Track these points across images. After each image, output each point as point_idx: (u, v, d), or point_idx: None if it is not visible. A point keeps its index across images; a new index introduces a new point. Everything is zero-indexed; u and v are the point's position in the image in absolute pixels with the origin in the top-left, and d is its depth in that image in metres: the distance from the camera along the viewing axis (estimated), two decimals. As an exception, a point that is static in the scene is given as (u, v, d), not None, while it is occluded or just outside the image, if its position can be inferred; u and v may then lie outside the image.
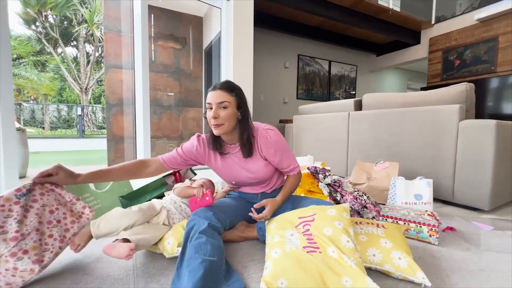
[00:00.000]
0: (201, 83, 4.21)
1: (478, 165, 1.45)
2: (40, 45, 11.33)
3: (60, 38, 10.89)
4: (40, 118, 11.32)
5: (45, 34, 10.76)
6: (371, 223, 1.02)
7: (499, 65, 4.00)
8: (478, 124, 1.45)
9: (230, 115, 0.94)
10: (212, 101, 0.94)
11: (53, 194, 0.86)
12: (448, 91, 1.66)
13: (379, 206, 1.31)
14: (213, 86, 0.96)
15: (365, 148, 2.12)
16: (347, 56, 5.78)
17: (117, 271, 0.84)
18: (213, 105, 0.94)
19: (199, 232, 0.83)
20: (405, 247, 0.87)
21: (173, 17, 3.95)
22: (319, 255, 0.78)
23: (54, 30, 10.77)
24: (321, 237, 0.83)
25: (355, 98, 2.31)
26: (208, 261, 0.74)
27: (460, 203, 1.56)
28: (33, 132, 9.40)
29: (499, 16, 3.98)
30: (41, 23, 10.42)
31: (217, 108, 0.94)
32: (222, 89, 0.95)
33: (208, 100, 0.96)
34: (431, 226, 1.05)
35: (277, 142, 1.01)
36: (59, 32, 10.91)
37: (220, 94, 0.94)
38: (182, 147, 1.07)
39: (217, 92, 0.94)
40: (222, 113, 0.93)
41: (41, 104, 12.44)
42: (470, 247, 1.02)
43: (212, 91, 0.95)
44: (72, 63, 11.58)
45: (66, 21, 11.64)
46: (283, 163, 1.06)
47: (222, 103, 0.93)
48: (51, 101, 14.32)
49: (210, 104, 0.95)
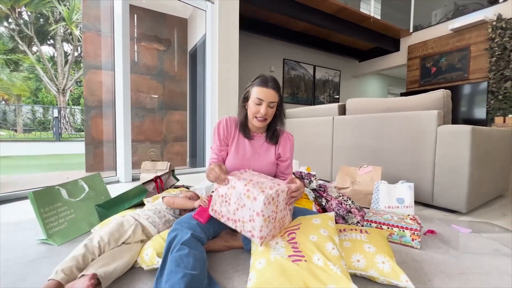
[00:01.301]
0: (185, 86, 4.13)
1: (455, 169, 1.51)
2: (13, 43, 10.68)
3: (36, 36, 10.34)
4: (12, 120, 10.63)
5: (18, 31, 10.18)
6: (354, 229, 1.02)
7: (471, 72, 4.25)
8: (455, 130, 1.52)
9: (273, 113, 1.06)
10: (264, 98, 1.00)
11: None
12: (427, 97, 1.72)
13: (363, 211, 1.32)
14: (265, 82, 1.00)
15: (349, 152, 2.15)
16: (331, 61, 5.92)
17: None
18: (264, 102, 1.00)
19: (181, 243, 0.79)
20: (388, 251, 0.88)
21: (157, 18, 3.87)
22: (304, 263, 0.76)
23: (29, 27, 10.21)
24: (306, 245, 0.81)
25: (339, 103, 2.35)
26: (189, 275, 0.70)
27: (439, 206, 1.62)
28: (4, 135, 8.80)
29: (470, 27, 4.24)
30: (14, 20, 9.85)
31: (267, 106, 1.00)
32: (274, 89, 1.01)
33: (259, 95, 1.00)
34: (413, 230, 1.07)
35: (292, 146, 1.18)
36: (34, 30, 10.36)
37: (273, 94, 1.01)
38: (216, 140, 1.11)
39: (270, 92, 1.00)
40: (270, 111, 1.03)
41: (14, 105, 11.71)
42: (449, 249, 1.05)
43: (265, 88, 1.00)
44: (48, 62, 11.02)
45: (42, 19, 11.07)
46: (287, 169, 1.16)
47: (272, 103, 1.01)
48: (25, 102, 13.52)
49: (261, 100, 1.00)
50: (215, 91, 3.00)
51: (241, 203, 0.84)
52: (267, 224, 0.81)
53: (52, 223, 1.09)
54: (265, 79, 1.01)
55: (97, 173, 1.44)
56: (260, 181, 0.87)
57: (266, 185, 0.84)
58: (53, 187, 1.17)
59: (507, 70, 3.78)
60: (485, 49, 4.05)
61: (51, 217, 1.09)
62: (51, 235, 1.06)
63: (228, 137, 1.12)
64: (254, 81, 1.04)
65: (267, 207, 0.79)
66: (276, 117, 1.10)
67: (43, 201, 1.09)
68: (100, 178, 1.43)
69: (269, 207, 0.80)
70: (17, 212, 1.48)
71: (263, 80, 1.01)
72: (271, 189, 0.81)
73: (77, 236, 1.12)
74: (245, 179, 0.87)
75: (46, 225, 1.06)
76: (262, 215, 0.78)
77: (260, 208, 0.78)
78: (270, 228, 0.82)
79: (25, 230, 1.20)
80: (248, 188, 0.82)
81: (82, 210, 1.22)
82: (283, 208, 0.87)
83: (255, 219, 0.80)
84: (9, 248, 1.02)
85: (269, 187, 0.82)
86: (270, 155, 1.13)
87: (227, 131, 1.11)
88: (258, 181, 0.87)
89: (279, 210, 0.85)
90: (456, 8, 4.64)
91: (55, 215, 1.11)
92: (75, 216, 1.19)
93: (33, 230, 1.19)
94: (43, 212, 1.07)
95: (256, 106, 1.02)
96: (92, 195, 1.32)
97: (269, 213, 0.80)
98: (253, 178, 0.90)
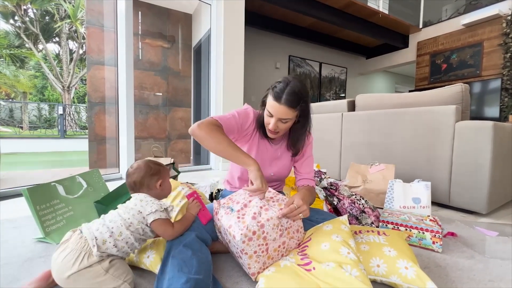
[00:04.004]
0: (190, 82, 4.07)
1: (475, 167, 1.42)
2: (19, 41, 10.76)
3: (41, 33, 10.40)
4: (19, 117, 10.74)
5: (24, 29, 10.24)
6: (371, 230, 0.94)
7: (484, 69, 4.11)
8: (475, 126, 1.42)
9: (288, 126, 0.93)
10: (274, 113, 0.87)
11: None
12: (443, 91, 1.62)
13: (377, 211, 1.24)
14: (278, 97, 0.85)
15: (359, 149, 2.07)
16: (338, 58, 5.81)
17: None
18: (274, 118, 0.88)
19: (183, 244, 0.72)
20: (411, 255, 0.80)
21: (161, 14, 3.81)
22: (314, 271, 0.69)
23: (35, 25, 10.27)
24: (317, 254, 0.74)
25: (348, 99, 2.26)
26: (193, 280, 0.63)
27: (456, 206, 1.53)
28: (10, 132, 8.88)
29: (483, 22, 4.09)
30: (20, 17, 9.91)
31: (278, 121, 0.89)
32: (288, 105, 0.85)
33: (270, 109, 0.88)
34: (434, 232, 0.99)
35: (310, 145, 1.08)
36: (40, 28, 10.41)
37: (285, 111, 0.86)
38: (239, 113, 0.98)
39: (282, 108, 0.86)
40: (281, 125, 0.91)
41: (20, 102, 11.81)
42: (474, 254, 0.97)
43: (277, 103, 0.85)
44: (54, 60, 11.08)
45: (47, 16, 11.12)
46: (304, 168, 1.05)
47: (284, 119, 0.89)
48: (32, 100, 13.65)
49: (271, 114, 0.89)
50: (220, 87, 2.93)
51: (227, 239, 0.79)
52: (256, 260, 0.72)
53: (50, 221, 1.03)
54: (281, 92, 0.85)
55: (95, 169, 1.38)
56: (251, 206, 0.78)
57: (250, 213, 0.75)
58: (49, 184, 1.11)
59: (522, 66, 3.63)
60: (499, 45, 3.90)
61: (48, 214, 1.04)
62: (48, 233, 1.00)
63: (249, 131, 1.00)
64: (273, 87, 0.89)
65: (248, 244, 0.70)
66: (298, 129, 0.96)
67: (39, 198, 1.03)
68: (98, 174, 1.37)
69: (251, 243, 0.71)
70: (13, 209, 1.44)
71: (278, 93, 0.85)
72: (253, 218, 0.72)
73: (76, 235, 1.06)
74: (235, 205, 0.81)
75: (43, 223, 1.00)
76: (245, 253, 0.70)
77: (241, 247, 0.70)
78: (262, 261, 0.74)
79: (20, 228, 1.14)
80: (230, 224, 0.74)
81: (81, 207, 1.17)
82: (278, 236, 0.75)
83: (241, 256, 0.72)
84: (3, 247, 0.97)
85: (252, 217, 0.73)
86: (288, 156, 1.06)
87: (251, 126, 1.00)
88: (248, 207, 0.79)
89: (272, 239, 0.74)
90: (468, 3, 4.48)
91: (52, 213, 1.06)
92: (73, 214, 1.13)
93: (28, 228, 1.14)
94: (39, 210, 1.01)
95: (268, 118, 0.91)
96: (90, 191, 1.27)
97: (254, 249, 0.71)
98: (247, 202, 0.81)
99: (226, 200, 0.87)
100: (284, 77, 0.90)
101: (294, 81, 0.88)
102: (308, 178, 1.04)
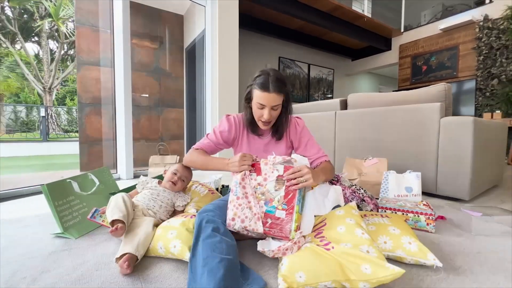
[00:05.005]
0: (182, 83, 4.08)
1: (458, 158, 1.57)
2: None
3: (19, 32, 9.92)
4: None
5: (0, 27, 9.72)
6: (375, 214, 1.05)
7: (460, 70, 4.42)
8: (458, 121, 1.58)
9: (278, 113, 1.01)
10: (266, 103, 0.94)
11: None
12: (428, 90, 1.78)
13: (375, 200, 1.35)
14: (265, 86, 0.93)
15: (352, 145, 2.19)
16: (325, 60, 6.00)
17: (119, 279, 0.76)
18: (267, 107, 0.95)
19: (212, 229, 0.78)
20: (412, 233, 0.90)
21: (151, 14, 3.80)
22: (334, 250, 0.77)
23: (12, 23, 9.78)
24: (334, 236, 0.82)
25: (341, 98, 2.39)
26: (226, 260, 0.69)
27: (442, 195, 1.68)
28: (-14, 136, 8.38)
29: (458, 27, 4.40)
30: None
31: (270, 110, 0.96)
32: (276, 91, 0.94)
33: (260, 101, 0.95)
34: (428, 215, 1.11)
35: (303, 129, 1.13)
36: (18, 26, 9.93)
37: (275, 98, 0.94)
38: (215, 131, 1.07)
39: (272, 96, 0.94)
40: (274, 113, 0.98)
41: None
42: (462, 232, 1.10)
43: (266, 93, 0.93)
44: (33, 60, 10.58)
45: (26, 15, 10.63)
46: (309, 150, 1.10)
47: (276, 106, 0.96)
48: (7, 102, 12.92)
49: (263, 105, 0.95)
50: (215, 87, 2.98)
51: None
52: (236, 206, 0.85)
53: (67, 217, 1.05)
54: (266, 82, 0.92)
55: (105, 167, 1.40)
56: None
57: None
58: (64, 180, 1.13)
59: (493, 68, 3.95)
60: (473, 48, 4.22)
61: (65, 210, 1.06)
62: (67, 228, 1.02)
63: (235, 136, 1.09)
64: (255, 80, 0.96)
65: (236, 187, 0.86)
66: (282, 114, 1.04)
67: (57, 194, 1.05)
68: (108, 172, 1.40)
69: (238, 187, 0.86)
70: (16, 210, 1.42)
71: (264, 84, 0.92)
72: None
73: (93, 230, 1.09)
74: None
75: (61, 218, 1.02)
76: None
77: None
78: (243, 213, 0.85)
79: (32, 226, 1.15)
80: None
81: (94, 203, 1.19)
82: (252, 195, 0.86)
83: None
84: (23, 243, 0.98)
85: None
86: (281, 147, 1.12)
87: (236, 131, 1.08)
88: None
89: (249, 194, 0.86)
90: (444, 9, 4.81)
91: (68, 209, 1.08)
92: (87, 210, 1.15)
93: (39, 225, 1.15)
94: (57, 205, 1.03)
95: (259, 110, 0.97)
96: (102, 188, 1.29)
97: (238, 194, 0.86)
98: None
99: None
100: (260, 70, 0.99)
101: (272, 70, 0.98)
102: (319, 157, 1.09)
